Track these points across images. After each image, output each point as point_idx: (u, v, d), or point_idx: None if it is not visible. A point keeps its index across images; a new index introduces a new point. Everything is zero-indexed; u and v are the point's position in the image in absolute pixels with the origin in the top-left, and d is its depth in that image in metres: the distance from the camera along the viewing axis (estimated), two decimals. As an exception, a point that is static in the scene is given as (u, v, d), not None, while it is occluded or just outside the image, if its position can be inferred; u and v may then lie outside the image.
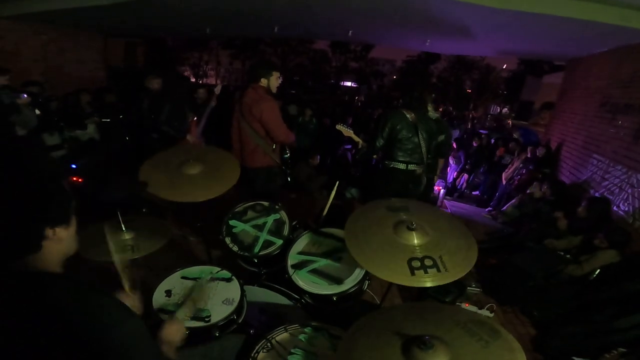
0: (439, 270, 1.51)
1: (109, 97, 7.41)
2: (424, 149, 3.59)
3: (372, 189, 4.18)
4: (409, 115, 3.54)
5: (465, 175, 8.18)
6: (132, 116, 5.23)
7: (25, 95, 4.49)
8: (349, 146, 7.93)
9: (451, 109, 17.65)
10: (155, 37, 15.24)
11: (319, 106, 10.72)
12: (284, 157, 3.55)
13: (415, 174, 3.62)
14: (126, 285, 1.35)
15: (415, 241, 1.62)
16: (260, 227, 2.22)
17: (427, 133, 3.61)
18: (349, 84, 34.77)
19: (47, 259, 0.86)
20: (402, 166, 3.57)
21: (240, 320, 1.76)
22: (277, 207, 2.34)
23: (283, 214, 2.29)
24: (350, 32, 8.24)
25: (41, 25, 8.02)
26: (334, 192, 2.28)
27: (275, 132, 3.24)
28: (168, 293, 1.78)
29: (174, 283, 1.86)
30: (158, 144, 4.53)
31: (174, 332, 1.30)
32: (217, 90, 4.12)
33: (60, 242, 0.87)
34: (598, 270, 3.42)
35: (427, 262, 1.53)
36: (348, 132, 3.67)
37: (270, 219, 2.25)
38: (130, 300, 1.29)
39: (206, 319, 1.66)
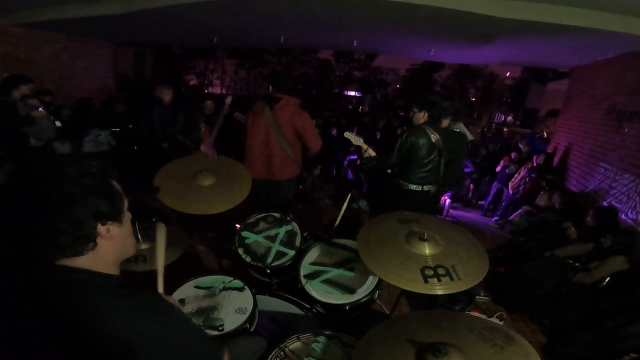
0: (452, 279, 1.53)
1: (119, 106, 7.55)
2: (441, 169, 3.47)
3: (383, 204, 4.01)
4: (433, 136, 3.34)
5: (472, 186, 8.16)
6: (142, 126, 5.26)
7: (42, 109, 4.53)
8: (354, 157, 7.94)
9: None
10: (163, 46, 15.43)
11: (321, 114, 10.76)
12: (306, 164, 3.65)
13: (429, 193, 3.51)
14: (161, 288, 1.38)
15: (427, 251, 1.64)
16: (272, 239, 2.23)
17: (449, 153, 3.46)
18: (352, 93, 34.91)
19: (103, 258, 0.91)
20: (418, 188, 3.45)
21: (252, 329, 1.78)
22: (288, 218, 2.36)
23: (294, 225, 2.31)
24: (355, 42, 8.31)
25: (54, 33, 8.14)
26: (346, 204, 2.29)
27: (313, 142, 3.37)
28: (182, 302, 1.80)
29: (188, 292, 1.89)
30: (168, 153, 4.56)
31: None
32: (228, 101, 4.13)
33: (114, 240, 0.92)
34: (608, 278, 3.41)
35: (440, 271, 1.55)
36: (357, 140, 3.53)
37: (282, 230, 2.27)
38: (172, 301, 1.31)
39: (220, 328, 1.68)
